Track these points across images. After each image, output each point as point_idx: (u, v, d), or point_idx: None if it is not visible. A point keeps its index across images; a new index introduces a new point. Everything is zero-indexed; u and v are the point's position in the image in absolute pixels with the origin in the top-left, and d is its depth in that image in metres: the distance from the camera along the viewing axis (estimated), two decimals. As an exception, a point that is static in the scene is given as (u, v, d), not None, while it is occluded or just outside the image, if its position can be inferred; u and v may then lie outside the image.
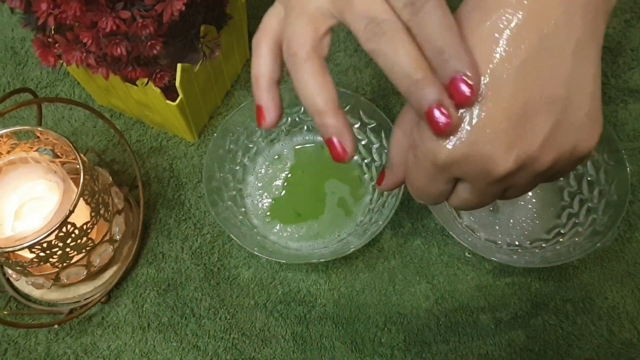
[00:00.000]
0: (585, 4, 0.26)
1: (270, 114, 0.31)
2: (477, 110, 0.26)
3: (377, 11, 0.26)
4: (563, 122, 0.26)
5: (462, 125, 0.27)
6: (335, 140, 0.29)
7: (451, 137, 0.27)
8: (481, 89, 0.26)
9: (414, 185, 0.31)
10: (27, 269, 0.44)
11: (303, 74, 0.28)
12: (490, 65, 0.26)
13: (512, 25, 0.25)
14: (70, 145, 0.43)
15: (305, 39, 0.28)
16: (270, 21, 0.30)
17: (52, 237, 0.40)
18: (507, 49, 0.26)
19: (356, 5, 0.26)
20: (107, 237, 0.47)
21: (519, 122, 0.26)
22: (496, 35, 0.26)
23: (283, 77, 0.31)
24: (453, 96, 0.25)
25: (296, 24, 0.28)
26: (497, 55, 0.26)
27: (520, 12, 0.25)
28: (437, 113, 0.25)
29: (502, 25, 0.26)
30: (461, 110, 0.26)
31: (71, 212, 0.40)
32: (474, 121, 0.26)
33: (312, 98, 0.28)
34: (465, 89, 0.25)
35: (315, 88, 0.28)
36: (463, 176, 0.28)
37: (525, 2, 0.25)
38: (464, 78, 0.25)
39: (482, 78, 0.26)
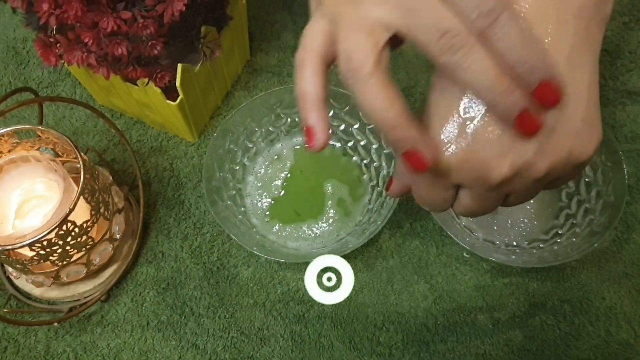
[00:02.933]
0: (577, 13, 0.26)
1: (320, 135, 0.29)
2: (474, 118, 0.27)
3: (448, 23, 0.25)
4: (557, 127, 0.26)
5: (458, 133, 0.27)
6: (414, 151, 0.27)
7: (448, 144, 0.27)
8: None
9: (417, 192, 0.32)
10: (28, 267, 0.44)
11: (369, 90, 0.27)
12: None
13: None
14: (71, 144, 0.43)
15: (367, 54, 0.26)
16: (315, 37, 0.29)
17: (52, 235, 0.41)
18: None
19: (424, 17, 0.25)
20: (107, 236, 0.47)
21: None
22: None
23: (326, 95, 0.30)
24: (542, 100, 0.25)
25: (354, 38, 0.27)
26: None
27: None
28: (527, 118, 0.25)
29: None
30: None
31: (71, 210, 0.40)
32: (470, 128, 0.27)
33: (383, 113, 0.27)
34: (554, 91, 0.25)
35: (386, 103, 0.26)
36: (462, 182, 0.29)
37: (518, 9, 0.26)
38: (551, 82, 0.25)
39: None
